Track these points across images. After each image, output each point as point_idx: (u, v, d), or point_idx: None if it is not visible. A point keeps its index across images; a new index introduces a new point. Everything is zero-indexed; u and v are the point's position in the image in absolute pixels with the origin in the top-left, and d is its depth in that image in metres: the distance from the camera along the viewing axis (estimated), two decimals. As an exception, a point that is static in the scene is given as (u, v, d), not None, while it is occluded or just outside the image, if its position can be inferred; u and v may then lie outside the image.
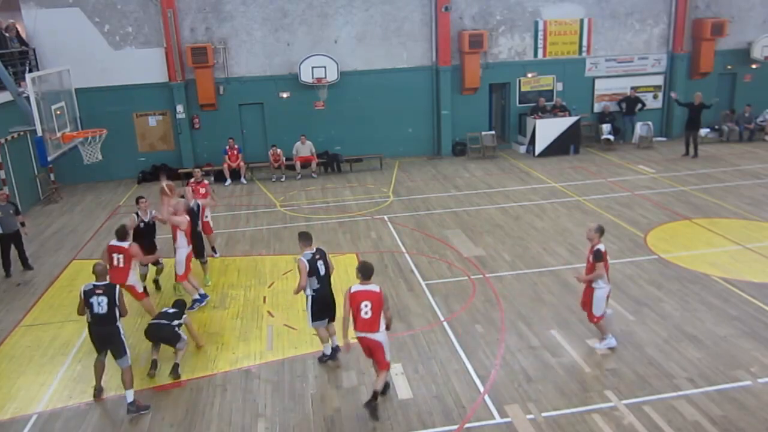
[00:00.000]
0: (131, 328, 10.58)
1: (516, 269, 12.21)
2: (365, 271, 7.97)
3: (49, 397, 8.73)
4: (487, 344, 9.50)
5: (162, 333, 9.07)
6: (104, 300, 8.10)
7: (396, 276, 12.21)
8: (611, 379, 8.46)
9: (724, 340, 9.29)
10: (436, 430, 7.64)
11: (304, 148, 20.18)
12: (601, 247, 8.94)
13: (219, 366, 9.31)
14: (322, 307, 8.91)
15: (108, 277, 8.50)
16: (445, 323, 10.20)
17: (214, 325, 10.56)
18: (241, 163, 19.99)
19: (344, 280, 12.15)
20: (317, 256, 8.77)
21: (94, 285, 8.22)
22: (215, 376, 9.05)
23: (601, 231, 9.05)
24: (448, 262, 12.70)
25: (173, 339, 9.07)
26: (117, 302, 8.16)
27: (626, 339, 9.45)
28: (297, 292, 8.85)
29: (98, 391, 8.66)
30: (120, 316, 8.25)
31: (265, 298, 11.55)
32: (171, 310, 9.42)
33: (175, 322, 9.18)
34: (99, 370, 8.64)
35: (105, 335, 8.26)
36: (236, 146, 20.07)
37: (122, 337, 8.28)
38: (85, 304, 8.18)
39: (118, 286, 8.31)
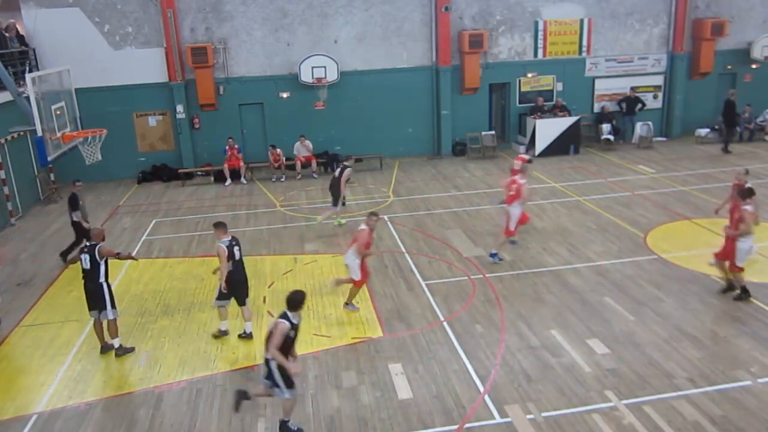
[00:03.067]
0: (135, 328, 10.60)
1: (516, 269, 12.21)
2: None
3: (49, 397, 8.73)
4: (487, 344, 9.50)
5: None
6: (87, 257, 9.35)
7: (396, 276, 12.21)
8: (611, 379, 8.46)
9: (724, 340, 9.29)
10: (436, 430, 7.65)
11: (304, 148, 20.18)
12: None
13: (219, 366, 9.31)
14: (231, 289, 9.73)
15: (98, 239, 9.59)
16: (445, 323, 10.21)
17: (214, 325, 10.55)
18: (241, 163, 19.99)
19: (344, 280, 12.18)
20: (233, 243, 9.71)
21: (86, 245, 9.64)
22: (215, 376, 9.06)
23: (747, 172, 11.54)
24: (448, 262, 12.70)
25: None
26: (99, 260, 9.32)
27: (626, 339, 9.45)
28: (221, 277, 9.58)
29: (103, 349, 9.76)
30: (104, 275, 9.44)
31: (265, 298, 11.55)
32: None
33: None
34: (98, 328, 9.74)
35: (89, 290, 9.49)
36: (236, 146, 20.07)
37: (105, 293, 9.44)
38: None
39: (99, 246, 9.41)
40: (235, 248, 9.68)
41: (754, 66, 22.92)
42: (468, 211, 15.86)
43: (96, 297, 9.48)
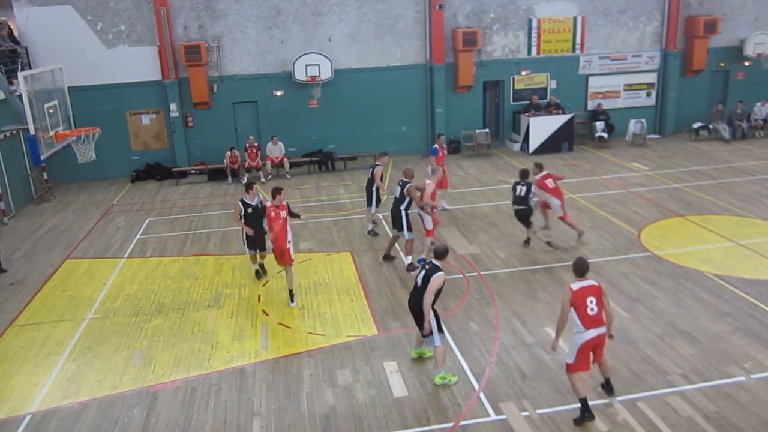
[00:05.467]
0: (129, 328, 10.58)
1: (510, 267, 12.24)
2: (581, 268, 7.61)
3: (43, 397, 8.70)
4: (482, 342, 9.52)
5: None
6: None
7: (391, 274, 12.22)
8: (605, 375, 8.48)
9: (718, 337, 9.33)
10: (432, 428, 7.66)
11: (276, 149, 20.08)
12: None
13: (214, 365, 9.29)
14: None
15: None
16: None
17: (209, 323, 10.54)
18: (259, 162, 19.92)
19: (338, 277, 12.18)
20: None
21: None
22: (210, 375, 9.04)
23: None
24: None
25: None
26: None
27: (620, 336, 9.46)
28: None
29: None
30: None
31: (260, 296, 11.54)
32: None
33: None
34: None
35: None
36: (256, 144, 20.00)
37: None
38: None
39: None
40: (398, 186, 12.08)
41: (746, 63, 23.02)
42: (462, 209, 15.87)
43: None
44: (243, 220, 11.72)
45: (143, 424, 8.01)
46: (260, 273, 12.30)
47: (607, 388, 8.01)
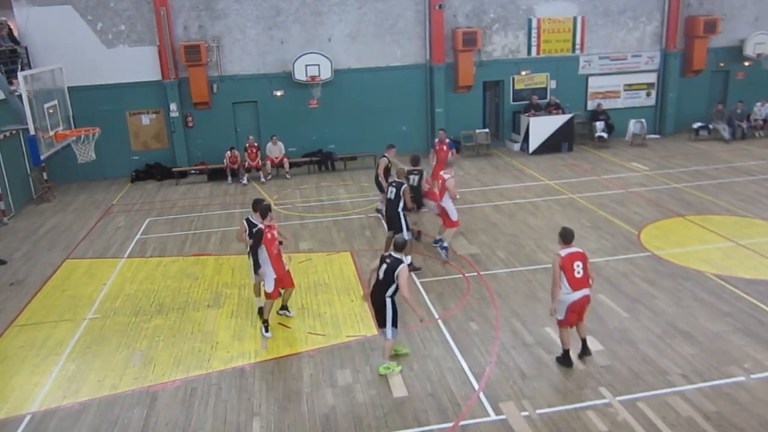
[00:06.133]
0: (129, 328, 10.57)
1: (510, 267, 12.24)
2: (568, 236, 8.55)
3: (42, 397, 8.70)
4: (482, 342, 9.52)
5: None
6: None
7: (390, 274, 12.21)
8: (605, 375, 8.49)
9: (718, 337, 9.33)
10: (432, 428, 7.65)
11: (275, 149, 20.09)
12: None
13: (214, 365, 9.29)
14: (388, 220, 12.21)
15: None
16: (439, 321, 10.22)
17: (209, 323, 10.54)
18: (259, 162, 19.92)
19: (338, 277, 12.18)
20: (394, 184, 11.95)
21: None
22: (210, 375, 9.04)
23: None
24: (443, 260, 12.71)
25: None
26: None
27: (620, 336, 9.49)
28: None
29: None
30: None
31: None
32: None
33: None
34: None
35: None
36: (256, 143, 20.00)
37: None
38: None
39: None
40: (391, 187, 11.97)
41: (746, 63, 23.02)
42: (462, 209, 15.83)
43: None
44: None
45: (143, 424, 8.01)
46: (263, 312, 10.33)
47: (584, 350, 8.81)
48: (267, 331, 10.00)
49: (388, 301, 8.59)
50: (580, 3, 21.86)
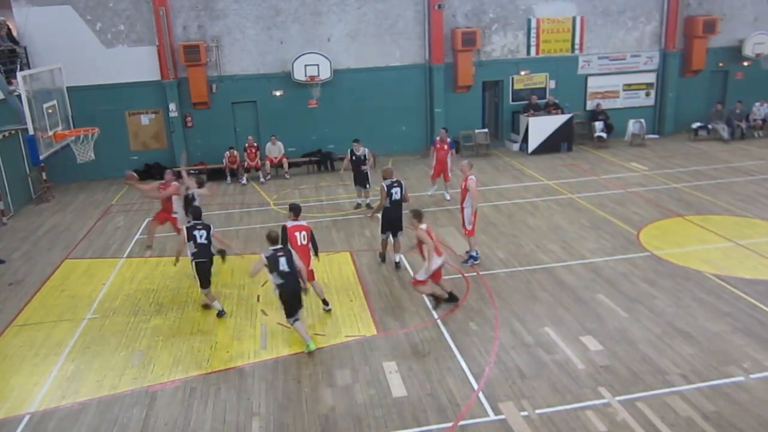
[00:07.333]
0: (129, 328, 10.57)
1: (510, 267, 12.24)
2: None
3: (42, 397, 8.69)
4: (481, 342, 9.52)
5: None
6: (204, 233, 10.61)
7: (390, 274, 12.22)
8: (605, 375, 8.49)
9: (717, 337, 9.34)
10: (431, 428, 7.65)
11: (275, 149, 20.08)
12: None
13: (213, 365, 9.29)
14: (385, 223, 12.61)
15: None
16: (439, 321, 10.22)
17: (208, 323, 10.54)
18: (258, 162, 19.89)
19: (337, 277, 12.18)
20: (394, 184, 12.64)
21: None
22: (209, 375, 9.04)
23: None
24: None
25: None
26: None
27: (619, 336, 9.49)
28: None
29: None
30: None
31: (259, 296, 11.53)
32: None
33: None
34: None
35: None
36: (255, 143, 19.98)
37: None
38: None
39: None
40: (395, 188, 12.42)
41: (745, 63, 23.03)
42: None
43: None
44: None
45: (142, 424, 8.00)
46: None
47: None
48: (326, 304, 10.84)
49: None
50: (580, 3, 21.86)
